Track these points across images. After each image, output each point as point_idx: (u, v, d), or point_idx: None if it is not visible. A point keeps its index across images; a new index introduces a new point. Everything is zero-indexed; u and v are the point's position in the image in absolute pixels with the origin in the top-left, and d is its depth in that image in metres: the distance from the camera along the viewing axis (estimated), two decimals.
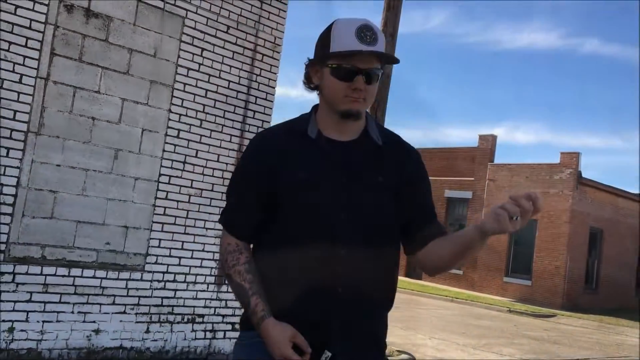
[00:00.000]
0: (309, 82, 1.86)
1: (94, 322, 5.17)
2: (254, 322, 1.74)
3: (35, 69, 4.81)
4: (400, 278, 24.57)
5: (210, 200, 5.84)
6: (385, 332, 1.92)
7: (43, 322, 4.91)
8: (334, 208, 1.75)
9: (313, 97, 1.90)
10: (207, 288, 5.87)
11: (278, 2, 6.29)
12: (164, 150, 5.55)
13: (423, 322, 12.88)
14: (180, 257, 5.68)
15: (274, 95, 6.31)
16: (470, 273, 23.76)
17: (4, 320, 4.73)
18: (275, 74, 6.29)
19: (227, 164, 5.93)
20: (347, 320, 1.74)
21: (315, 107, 1.89)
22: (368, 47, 1.70)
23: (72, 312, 5.06)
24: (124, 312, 5.34)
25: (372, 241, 1.78)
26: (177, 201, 5.65)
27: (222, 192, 5.86)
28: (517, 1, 66.02)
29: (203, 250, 5.83)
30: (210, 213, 5.82)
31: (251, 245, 1.87)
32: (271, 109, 6.27)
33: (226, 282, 6.29)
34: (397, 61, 1.80)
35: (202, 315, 5.82)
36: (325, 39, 1.77)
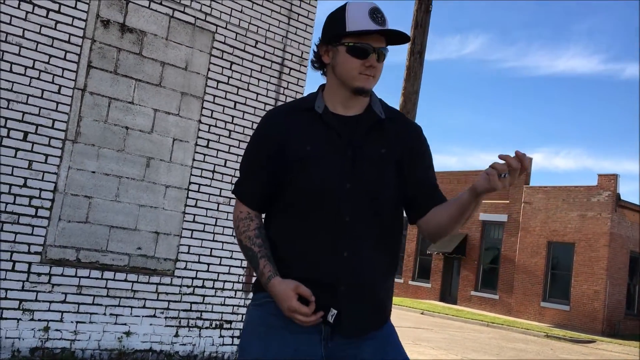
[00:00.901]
0: (318, 62, 1.99)
1: (125, 324, 5.33)
2: (263, 283, 1.87)
3: (73, 80, 5.09)
4: (434, 302, 24.31)
5: None
6: (390, 296, 2.01)
7: (77, 322, 5.10)
8: (338, 178, 1.86)
9: None
10: (235, 295, 5.99)
11: (305, 18, 6.51)
12: (193, 160, 5.76)
13: (456, 343, 12.72)
14: (209, 264, 5.84)
15: None
16: (506, 298, 23.35)
17: (40, 320, 4.93)
18: (302, 87, 6.48)
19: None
20: (353, 282, 1.85)
21: (322, 87, 2.02)
22: (381, 27, 1.85)
23: (105, 314, 5.24)
24: (154, 316, 5.50)
25: (375, 209, 1.89)
26: (206, 209, 5.83)
27: None
28: (554, 27, 65.60)
29: (231, 258, 5.97)
30: None
31: (262, 215, 2.00)
32: None
33: (253, 290, 6.38)
34: (407, 39, 1.92)
35: (230, 322, 5.94)
36: (338, 20, 1.90)
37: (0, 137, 4.77)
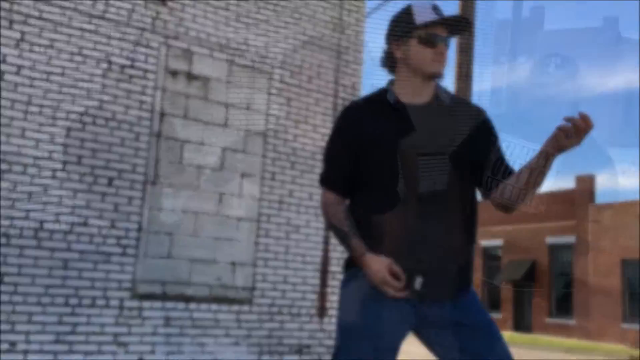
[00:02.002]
0: (389, 59, 2.25)
1: (211, 352, 5.61)
2: (356, 257, 2.09)
3: (148, 128, 5.56)
4: (508, 332, 23.62)
5: (307, 236, 6.26)
6: (471, 263, 2.20)
7: (167, 353, 5.41)
8: (413, 159, 2.10)
9: None
10: (311, 320, 6.20)
11: (354, 51, 6.87)
12: (261, 192, 6.09)
13: None
14: (283, 291, 6.08)
15: None
16: (584, 322, 22.50)
17: (134, 352, 5.26)
18: None
19: (319, 201, 6.38)
20: (434, 253, 2.05)
21: (391, 81, 2.28)
22: (445, 16, 2.15)
23: (192, 344, 5.53)
24: (237, 344, 5.76)
25: (448, 185, 2.11)
26: (277, 238, 6.12)
27: (317, 228, 6.28)
28: (603, 43, 64.51)
29: (304, 284, 6.21)
30: (307, 248, 6.23)
31: (346, 201, 2.25)
32: None
33: (344, 267, 6.56)
34: (469, 25, 2.20)
35: (309, 346, 6.13)
36: (404, 17, 2.18)
37: (88, 184, 5.23)
